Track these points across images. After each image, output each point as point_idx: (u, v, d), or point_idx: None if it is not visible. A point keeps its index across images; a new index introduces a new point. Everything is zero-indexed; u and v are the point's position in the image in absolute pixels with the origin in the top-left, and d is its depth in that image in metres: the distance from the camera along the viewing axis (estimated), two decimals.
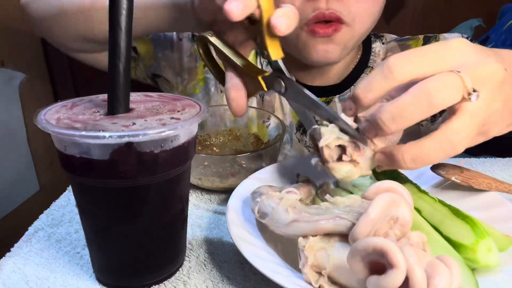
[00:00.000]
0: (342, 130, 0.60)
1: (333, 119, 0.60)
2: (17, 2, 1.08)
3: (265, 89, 0.67)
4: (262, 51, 0.65)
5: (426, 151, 0.53)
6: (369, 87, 0.54)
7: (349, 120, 0.60)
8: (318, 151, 0.62)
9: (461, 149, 0.53)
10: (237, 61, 0.67)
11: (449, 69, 0.52)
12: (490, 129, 0.57)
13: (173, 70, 1.22)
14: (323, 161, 0.61)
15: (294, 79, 0.64)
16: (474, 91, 0.51)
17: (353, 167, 0.60)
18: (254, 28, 0.64)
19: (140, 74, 1.27)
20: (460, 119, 0.52)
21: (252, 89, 0.69)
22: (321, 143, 0.59)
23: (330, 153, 0.60)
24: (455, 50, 0.55)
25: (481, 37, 2.43)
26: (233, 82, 0.68)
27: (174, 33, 1.19)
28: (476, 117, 0.53)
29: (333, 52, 0.99)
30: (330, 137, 0.59)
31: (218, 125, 1.00)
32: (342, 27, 0.96)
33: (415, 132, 1.05)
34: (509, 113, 0.57)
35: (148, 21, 0.90)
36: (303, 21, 0.95)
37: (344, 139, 0.59)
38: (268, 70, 0.67)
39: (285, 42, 1.02)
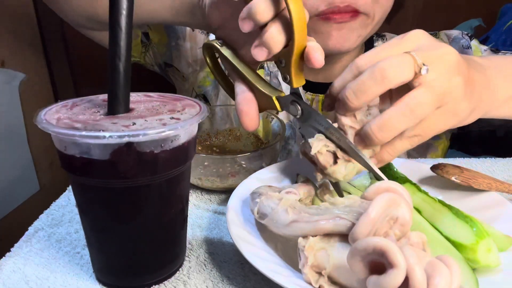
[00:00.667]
0: (329, 138, 0.63)
1: (346, 146, 0.62)
2: (17, 2, 1.08)
3: (279, 109, 0.67)
4: (284, 75, 0.65)
5: (388, 117, 0.58)
6: (341, 84, 0.64)
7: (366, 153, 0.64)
8: (314, 163, 0.64)
9: (420, 115, 0.58)
10: (248, 75, 0.67)
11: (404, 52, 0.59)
12: (454, 106, 0.62)
13: (185, 60, 1.21)
14: (322, 168, 0.63)
15: (309, 103, 0.66)
16: (424, 65, 0.58)
17: (350, 164, 0.62)
18: (281, 52, 0.63)
19: (148, 60, 1.27)
20: (417, 89, 0.58)
21: (262, 104, 0.69)
22: (312, 152, 0.62)
23: (325, 159, 0.63)
24: (411, 38, 0.64)
25: (481, 37, 2.43)
26: (245, 96, 0.69)
27: None
28: (432, 88, 0.59)
29: (348, 39, 0.98)
30: (318, 144, 0.62)
31: (225, 121, 1.00)
32: (359, 15, 0.95)
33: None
34: (476, 98, 0.64)
35: (152, 9, 0.89)
36: (312, 13, 0.94)
37: (332, 146, 0.63)
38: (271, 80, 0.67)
39: None
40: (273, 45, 0.61)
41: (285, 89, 1.15)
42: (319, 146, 0.62)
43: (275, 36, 0.60)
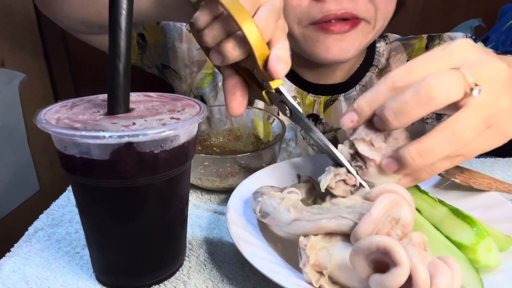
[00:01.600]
0: (337, 163, 0.62)
1: (325, 147, 0.62)
2: (17, 3, 1.09)
3: (269, 103, 0.66)
4: (261, 81, 0.64)
5: (431, 143, 0.53)
6: (373, 99, 0.57)
7: (341, 154, 0.62)
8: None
9: (465, 140, 0.53)
10: (239, 68, 0.67)
11: (451, 67, 0.53)
12: (504, 126, 0.57)
13: (182, 62, 1.21)
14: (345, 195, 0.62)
15: (296, 103, 0.64)
16: (476, 85, 0.52)
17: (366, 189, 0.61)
18: (249, 60, 0.62)
19: (146, 61, 1.26)
20: (463, 111, 0.53)
21: (252, 93, 0.68)
22: (322, 189, 0.61)
23: (340, 190, 0.61)
24: (457, 50, 0.57)
25: (481, 37, 2.43)
26: (232, 81, 0.67)
27: (184, 25, 1.18)
28: (480, 110, 0.53)
29: (348, 49, 0.96)
30: (326, 179, 0.61)
31: (224, 122, 1.00)
32: (360, 22, 0.94)
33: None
34: None
35: (139, 7, 0.89)
36: (308, 21, 0.94)
37: (341, 173, 0.61)
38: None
39: (292, 42, 1.00)
40: (227, 56, 0.61)
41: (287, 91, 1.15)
42: (327, 180, 0.61)
43: (229, 51, 0.60)
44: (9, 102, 1.62)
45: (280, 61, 0.59)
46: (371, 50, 1.16)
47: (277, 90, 0.64)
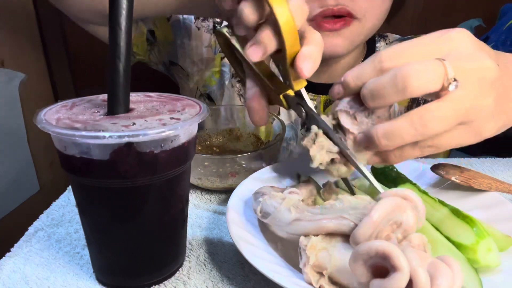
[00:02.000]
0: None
1: (343, 146, 0.61)
2: (17, 2, 1.08)
3: (286, 107, 0.66)
4: (284, 79, 0.64)
5: (397, 126, 0.54)
6: (359, 76, 0.58)
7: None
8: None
9: (432, 130, 0.53)
10: (257, 69, 0.66)
11: (436, 57, 0.54)
12: (480, 126, 0.57)
13: (190, 59, 1.21)
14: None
15: (313, 106, 0.64)
16: (454, 80, 0.52)
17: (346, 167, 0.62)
18: (278, 55, 0.62)
19: (153, 58, 1.27)
20: (437, 102, 0.53)
21: (272, 98, 0.68)
22: (314, 166, 0.62)
23: (328, 168, 0.63)
24: (451, 40, 0.57)
25: (481, 37, 2.43)
26: (254, 92, 0.68)
27: (193, 22, 1.18)
28: (455, 105, 0.53)
29: (341, 46, 0.98)
30: (318, 156, 0.62)
31: (229, 121, 1.01)
32: (352, 21, 0.95)
33: None
34: (501, 112, 0.58)
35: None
36: (308, 17, 0.94)
37: (333, 151, 0.61)
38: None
39: None
40: (264, 46, 0.60)
41: None
42: (319, 158, 0.62)
43: (265, 38, 0.60)
44: (9, 102, 1.62)
45: (309, 59, 0.60)
46: (370, 49, 1.16)
47: (298, 93, 0.64)
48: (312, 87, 1.14)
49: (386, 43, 1.17)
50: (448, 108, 0.53)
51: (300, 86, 0.63)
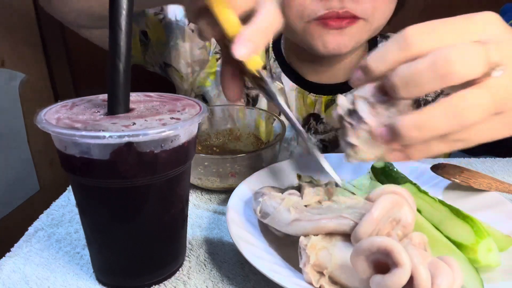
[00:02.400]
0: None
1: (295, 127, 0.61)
2: (17, 2, 1.08)
3: (255, 86, 0.66)
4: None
5: (431, 116, 0.48)
6: (382, 58, 0.51)
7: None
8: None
9: (469, 120, 0.47)
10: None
11: (472, 40, 0.48)
12: None
13: (184, 60, 1.21)
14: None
15: (273, 84, 0.63)
16: (499, 66, 0.47)
17: (353, 152, 0.56)
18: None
19: (149, 59, 1.26)
20: (474, 88, 0.47)
21: (246, 79, 0.68)
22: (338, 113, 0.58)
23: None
24: (482, 22, 0.52)
25: None
26: (227, 67, 0.67)
27: (187, 24, 1.18)
28: (494, 92, 0.48)
29: (346, 45, 0.97)
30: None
31: (226, 121, 1.00)
32: (358, 20, 0.94)
33: None
34: None
35: None
36: (310, 17, 0.94)
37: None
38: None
39: (293, 36, 1.03)
40: (202, 31, 0.63)
41: (289, 91, 1.15)
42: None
43: (204, 27, 0.61)
44: (9, 102, 1.62)
45: (243, 42, 0.57)
46: (372, 49, 1.16)
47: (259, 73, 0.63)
48: (314, 87, 1.14)
49: None
50: (487, 95, 0.47)
51: (253, 65, 0.61)
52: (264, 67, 0.63)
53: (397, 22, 1.05)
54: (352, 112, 0.56)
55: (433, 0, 2.44)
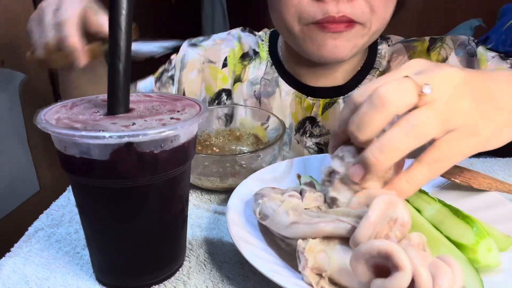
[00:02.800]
0: None
1: None
2: (17, 2, 1.08)
3: None
4: None
5: (389, 137, 0.53)
6: (341, 122, 0.61)
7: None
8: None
9: (423, 134, 0.54)
10: None
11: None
12: (472, 129, 0.57)
13: None
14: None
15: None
16: (426, 84, 0.53)
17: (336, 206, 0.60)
18: None
19: None
20: (420, 108, 0.54)
21: None
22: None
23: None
24: (409, 66, 0.60)
25: (481, 37, 2.43)
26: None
27: None
28: (436, 106, 0.54)
29: (343, 49, 0.96)
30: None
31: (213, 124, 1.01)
32: (355, 25, 0.94)
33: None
34: (490, 115, 0.58)
35: None
36: (309, 20, 0.94)
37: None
38: None
39: (291, 39, 1.02)
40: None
41: (285, 95, 1.15)
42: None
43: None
44: (9, 102, 1.62)
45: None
46: (372, 52, 1.15)
47: None
48: (312, 91, 1.14)
49: (389, 45, 1.16)
50: (429, 111, 0.54)
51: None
52: None
53: (396, 22, 1.05)
54: (331, 172, 0.62)
55: (432, 0, 2.44)
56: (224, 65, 1.20)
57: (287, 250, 0.60)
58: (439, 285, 0.43)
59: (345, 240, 0.52)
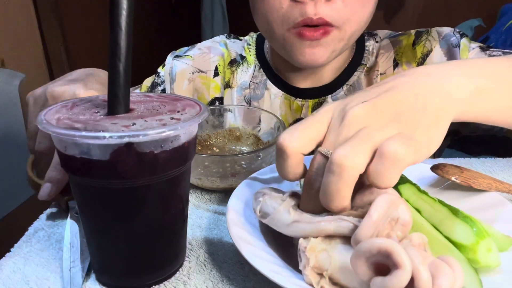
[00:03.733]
0: None
1: None
2: (17, 2, 1.08)
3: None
4: None
5: (325, 182, 0.53)
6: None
7: None
8: None
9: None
10: None
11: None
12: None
13: None
14: None
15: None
16: (328, 151, 0.55)
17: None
18: None
19: None
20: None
21: None
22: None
23: None
24: (321, 115, 0.59)
25: (481, 37, 2.43)
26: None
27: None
28: (374, 103, 0.56)
29: (321, 56, 0.97)
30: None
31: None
32: (331, 30, 0.94)
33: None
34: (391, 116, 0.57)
35: None
36: (290, 24, 0.94)
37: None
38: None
39: (274, 43, 1.03)
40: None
41: (274, 98, 1.15)
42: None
43: None
44: (9, 102, 1.62)
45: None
46: (360, 48, 1.15)
47: None
48: (299, 92, 1.14)
49: (377, 41, 1.16)
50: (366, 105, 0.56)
51: None
52: None
53: (397, 22, 1.05)
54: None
55: (432, 0, 2.44)
56: (216, 74, 1.19)
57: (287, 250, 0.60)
58: (439, 285, 0.43)
59: (347, 239, 0.52)
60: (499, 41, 2.33)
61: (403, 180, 0.71)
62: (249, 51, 1.22)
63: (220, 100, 1.20)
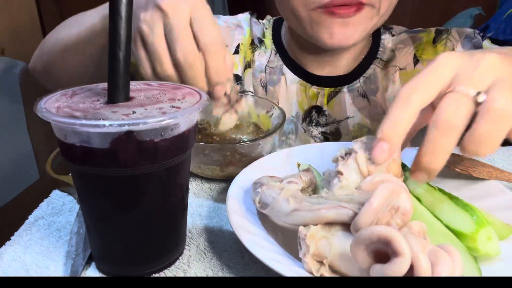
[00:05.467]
0: None
1: None
2: None
3: None
4: None
5: (482, 130, 0.53)
6: (391, 121, 0.56)
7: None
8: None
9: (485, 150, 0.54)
10: None
11: (447, 86, 0.56)
12: None
13: None
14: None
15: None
16: (479, 93, 0.53)
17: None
18: None
19: None
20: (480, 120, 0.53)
21: None
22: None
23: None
24: (442, 66, 0.57)
25: (481, 26, 2.43)
26: None
27: None
28: (496, 110, 0.53)
29: (353, 35, 0.95)
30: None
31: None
32: (364, 7, 0.93)
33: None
34: None
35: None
36: (315, 4, 0.93)
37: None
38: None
39: (297, 23, 1.01)
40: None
41: (290, 83, 1.15)
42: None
43: None
44: (9, 90, 1.62)
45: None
46: (375, 42, 1.15)
47: None
48: (316, 79, 1.14)
49: (393, 35, 1.16)
50: (502, 89, 0.53)
51: None
52: None
53: (396, 10, 1.04)
54: (348, 153, 0.61)
55: None
56: (236, 51, 1.18)
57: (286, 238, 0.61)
58: (438, 272, 0.43)
59: (347, 226, 0.52)
60: (499, 30, 2.33)
61: (404, 169, 0.71)
62: (267, 35, 1.21)
63: (237, 77, 1.19)
